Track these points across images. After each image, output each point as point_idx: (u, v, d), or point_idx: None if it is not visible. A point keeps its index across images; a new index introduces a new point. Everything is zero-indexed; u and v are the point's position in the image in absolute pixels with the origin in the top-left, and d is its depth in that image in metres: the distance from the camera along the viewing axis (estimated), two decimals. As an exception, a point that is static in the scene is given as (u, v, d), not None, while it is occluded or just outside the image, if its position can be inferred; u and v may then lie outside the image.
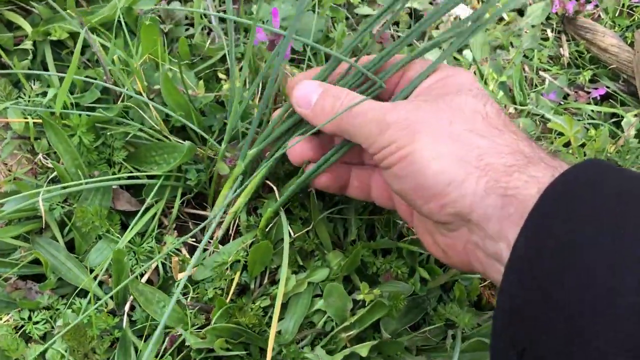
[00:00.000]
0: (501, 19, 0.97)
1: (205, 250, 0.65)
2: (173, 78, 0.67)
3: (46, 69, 0.73)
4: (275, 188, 0.63)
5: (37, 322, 0.59)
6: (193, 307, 0.59)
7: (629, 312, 0.32)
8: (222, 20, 0.83)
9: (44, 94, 0.69)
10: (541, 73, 0.93)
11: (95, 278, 0.62)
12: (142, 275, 0.62)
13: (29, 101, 0.67)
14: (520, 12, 1.00)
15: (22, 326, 0.59)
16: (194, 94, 0.69)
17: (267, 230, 0.64)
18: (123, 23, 0.69)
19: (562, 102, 0.90)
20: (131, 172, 0.66)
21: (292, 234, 0.62)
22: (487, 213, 0.43)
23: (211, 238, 0.66)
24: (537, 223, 0.39)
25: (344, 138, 0.55)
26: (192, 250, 0.67)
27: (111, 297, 0.62)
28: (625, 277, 0.33)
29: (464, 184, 0.44)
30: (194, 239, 0.67)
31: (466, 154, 0.45)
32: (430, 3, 0.91)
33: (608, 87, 0.93)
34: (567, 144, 0.84)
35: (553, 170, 0.42)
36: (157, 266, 0.63)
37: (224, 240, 0.66)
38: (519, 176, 0.42)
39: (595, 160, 0.41)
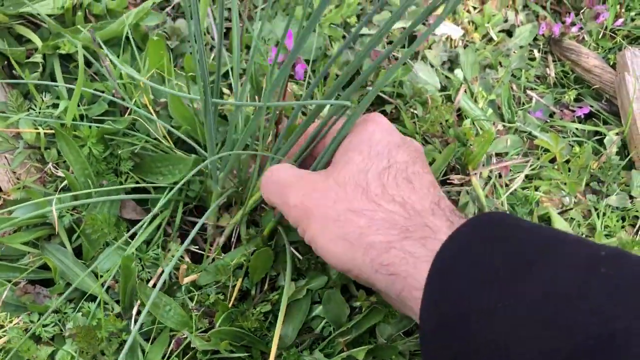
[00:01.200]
0: (490, 40, 1.01)
1: (207, 257, 0.68)
2: (179, 91, 0.70)
3: (55, 82, 0.75)
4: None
5: (46, 325, 0.61)
6: (198, 310, 0.62)
7: None
8: (225, 36, 0.86)
9: (54, 105, 0.71)
10: (528, 92, 0.97)
11: (102, 283, 0.64)
12: (148, 280, 0.65)
13: (39, 112, 0.70)
14: (509, 33, 1.04)
15: (32, 329, 0.61)
16: (199, 108, 0.72)
17: (269, 240, 0.67)
18: (131, 38, 0.72)
19: (548, 120, 0.93)
20: (137, 182, 0.69)
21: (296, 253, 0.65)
22: (383, 286, 0.47)
23: (211, 245, 0.69)
24: (428, 309, 0.42)
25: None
26: (194, 257, 0.70)
27: (117, 301, 0.64)
28: None
29: (356, 263, 0.47)
30: (196, 246, 0.70)
31: (350, 235, 0.48)
32: (423, 24, 0.95)
33: (592, 106, 0.97)
34: (552, 160, 0.87)
35: (424, 242, 0.45)
36: (163, 272, 0.65)
37: (226, 250, 0.69)
38: (396, 253, 0.45)
39: (470, 230, 0.44)
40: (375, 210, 0.48)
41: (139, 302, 0.63)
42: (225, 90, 0.78)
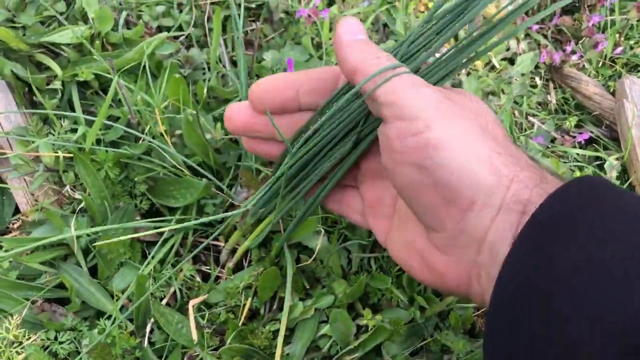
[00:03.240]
0: (493, 67, 1.04)
1: (217, 277, 0.70)
2: (193, 121, 0.73)
3: (72, 107, 0.78)
4: (281, 227, 0.69)
5: (62, 342, 0.63)
6: (209, 328, 0.64)
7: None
8: (235, 64, 0.89)
9: (72, 130, 0.74)
10: (530, 118, 1.00)
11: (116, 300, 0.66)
12: (161, 298, 0.67)
13: (58, 137, 0.73)
14: (511, 61, 1.07)
15: (49, 346, 0.63)
16: (211, 136, 0.75)
17: (277, 259, 0.69)
18: (147, 66, 0.76)
19: (549, 146, 0.96)
20: (153, 203, 0.72)
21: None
22: (503, 232, 0.38)
23: (223, 267, 0.71)
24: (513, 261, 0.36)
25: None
26: (204, 277, 0.72)
27: (130, 320, 0.66)
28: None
29: (493, 192, 0.38)
30: (208, 267, 0.72)
31: (496, 158, 0.39)
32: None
33: (592, 132, 1.00)
34: (554, 185, 0.89)
35: (539, 183, 0.39)
36: (175, 291, 0.68)
37: (237, 271, 0.71)
38: (537, 191, 0.38)
39: (584, 182, 0.37)
40: (515, 149, 0.42)
41: (152, 320, 0.65)
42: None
